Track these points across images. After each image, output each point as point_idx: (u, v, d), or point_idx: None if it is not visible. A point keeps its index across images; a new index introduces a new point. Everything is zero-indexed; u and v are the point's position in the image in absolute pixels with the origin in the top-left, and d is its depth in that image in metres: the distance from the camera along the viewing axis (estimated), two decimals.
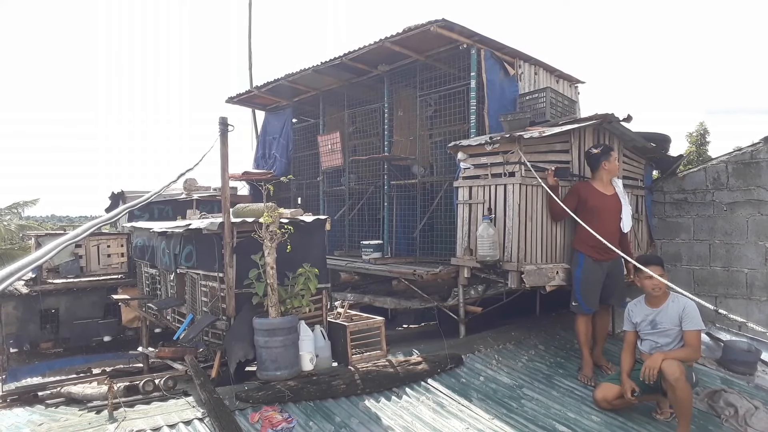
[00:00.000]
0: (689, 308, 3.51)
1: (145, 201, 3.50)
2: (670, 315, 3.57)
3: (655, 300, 3.65)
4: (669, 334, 3.57)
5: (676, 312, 3.54)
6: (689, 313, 3.51)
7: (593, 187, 4.28)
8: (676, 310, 3.55)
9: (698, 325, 3.48)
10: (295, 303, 3.75)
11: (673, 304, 3.59)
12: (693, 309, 3.50)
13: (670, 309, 3.58)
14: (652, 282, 3.53)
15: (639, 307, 3.77)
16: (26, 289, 6.69)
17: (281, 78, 6.81)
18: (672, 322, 3.55)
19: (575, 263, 4.32)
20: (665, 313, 3.59)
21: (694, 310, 3.50)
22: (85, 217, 34.89)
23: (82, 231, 2.42)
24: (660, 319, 3.61)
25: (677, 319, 3.53)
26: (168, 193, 6.83)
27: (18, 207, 17.16)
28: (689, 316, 3.50)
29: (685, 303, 3.53)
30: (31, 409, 3.99)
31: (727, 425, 3.80)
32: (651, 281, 3.54)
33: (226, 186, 3.89)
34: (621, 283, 4.44)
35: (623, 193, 4.47)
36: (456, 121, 5.55)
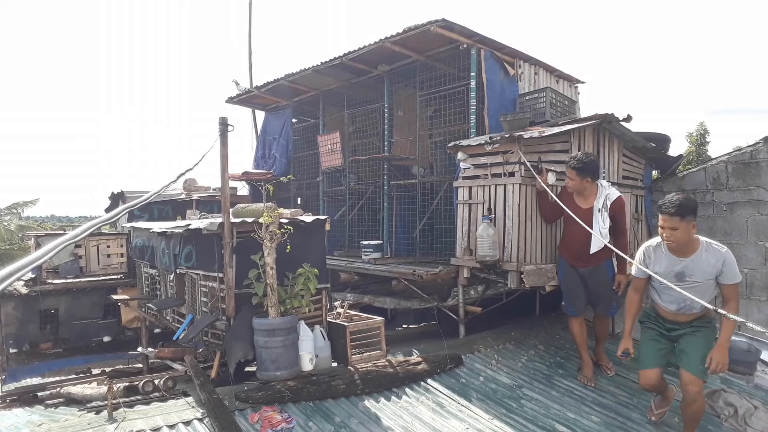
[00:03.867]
0: (730, 260, 3.03)
1: (144, 201, 3.49)
2: (703, 266, 3.07)
3: (681, 249, 3.09)
4: (699, 289, 3.05)
5: (713, 264, 3.04)
6: (730, 265, 3.03)
7: (572, 197, 4.21)
8: (713, 261, 3.04)
9: (738, 277, 3.09)
10: (294, 303, 3.75)
11: (707, 254, 3.06)
12: (733, 261, 3.06)
13: (704, 259, 3.06)
14: (663, 232, 3.05)
15: (660, 253, 3.19)
16: (26, 289, 6.69)
17: (281, 78, 6.82)
18: (706, 274, 3.07)
19: (558, 266, 4.37)
20: (697, 264, 3.07)
21: (734, 262, 3.06)
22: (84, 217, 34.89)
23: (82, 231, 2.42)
24: (690, 270, 3.09)
25: (713, 271, 3.06)
26: (168, 193, 6.83)
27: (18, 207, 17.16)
28: (730, 269, 3.03)
29: (725, 255, 3.04)
30: (31, 410, 3.98)
31: (726, 425, 3.80)
32: (662, 231, 3.05)
33: (225, 186, 3.89)
34: (604, 290, 4.21)
35: (599, 212, 4.07)
36: (456, 121, 5.55)
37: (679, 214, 2.96)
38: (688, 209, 2.97)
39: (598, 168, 4.12)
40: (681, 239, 3.01)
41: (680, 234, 2.99)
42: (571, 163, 4.03)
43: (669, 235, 3.00)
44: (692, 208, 3.00)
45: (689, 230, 3.00)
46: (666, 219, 3.00)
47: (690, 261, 3.09)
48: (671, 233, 3.00)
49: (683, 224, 2.97)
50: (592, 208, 4.08)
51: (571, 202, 4.12)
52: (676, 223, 2.97)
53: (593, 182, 4.06)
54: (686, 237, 3.01)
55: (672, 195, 3.01)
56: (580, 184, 4.03)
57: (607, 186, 4.17)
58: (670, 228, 2.99)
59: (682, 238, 3.00)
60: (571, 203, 4.10)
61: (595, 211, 4.06)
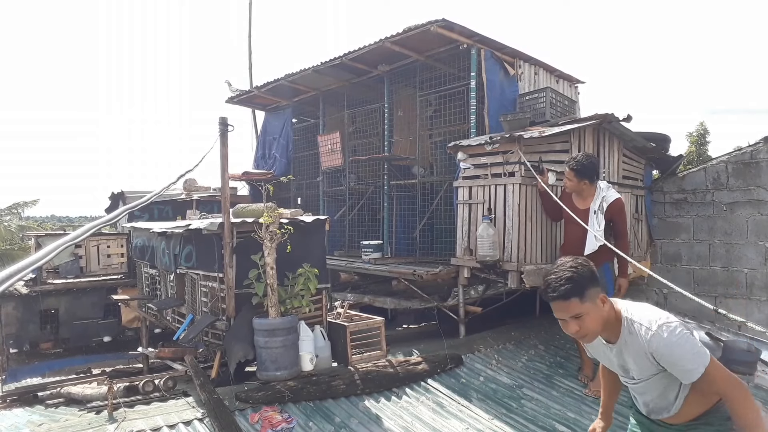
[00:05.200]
0: (662, 348, 1.80)
1: (145, 202, 3.49)
2: (635, 355, 1.91)
3: (605, 334, 1.97)
4: (653, 387, 1.97)
5: (641, 350, 1.86)
6: (667, 354, 1.80)
7: (570, 198, 4.20)
8: (639, 346, 1.86)
9: (696, 370, 1.78)
10: (294, 303, 3.75)
11: (631, 337, 1.88)
12: (674, 345, 1.79)
13: (630, 345, 1.90)
14: (565, 327, 1.91)
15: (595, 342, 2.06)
16: (26, 289, 6.69)
17: (281, 78, 6.82)
18: (644, 368, 1.92)
19: None
20: (628, 353, 1.93)
21: (676, 347, 1.79)
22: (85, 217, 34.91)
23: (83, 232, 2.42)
24: (627, 362, 1.97)
25: (650, 361, 1.87)
26: (168, 194, 6.83)
27: (18, 207, 17.17)
28: (673, 359, 1.81)
29: (651, 341, 1.82)
30: (31, 410, 3.98)
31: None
32: (563, 325, 1.91)
33: (226, 186, 3.89)
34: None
35: (595, 213, 3.97)
36: (456, 121, 5.55)
37: (574, 293, 1.79)
38: (584, 278, 1.81)
39: (596, 170, 4.10)
40: (592, 327, 1.86)
41: (589, 321, 1.84)
42: (569, 164, 4.02)
43: (576, 330, 1.85)
44: (589, 276, 1.82)
45: (598, 308, 1.85)
46: (558, 307, 1.84)
47: (618, 348, 1.95)
48: (577, 325, 1.84)
49: (588, 305, 1.82)
50: (589, 210, 4.05)
51: (570, 202, 4.12)
52: (575, 308, 1.81)
53: (591, 184, 4.04)
54: (599, 320, 1.86)
55: (554, 268, 1.86)
56: (578, 185, 4.02)
57: (606, 188, 4.13)
58: (572, 318, 1.84)
59: (592, 324, 1.85)
60: (569, 204, 4.10)
61: (590, 213, 4.03)
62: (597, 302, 1.84)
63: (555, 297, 1.81)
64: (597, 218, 4.00)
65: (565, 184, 4.12)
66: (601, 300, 1.85)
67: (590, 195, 4.08)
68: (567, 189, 4.12)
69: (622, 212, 4.14)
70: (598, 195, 4.05)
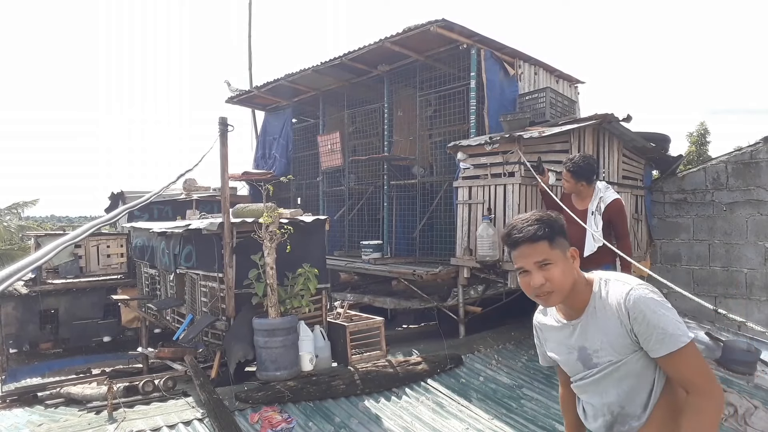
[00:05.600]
0: (643, 302, 1.47)
1: (144, 202, 3.49)
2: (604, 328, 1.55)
3: (568, 303, 1.61)
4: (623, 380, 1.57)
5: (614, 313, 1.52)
6: (640, 305, 1.47)
7: (570, 198, 4.20)
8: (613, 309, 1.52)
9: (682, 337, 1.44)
10: (294, 303, 3.75)
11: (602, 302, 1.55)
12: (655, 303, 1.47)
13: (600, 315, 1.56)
14: (526, 279, 1.57)
15: (548, 322, 1.73)
16: (26, 289, 6.69)
17: (281, 78, 6.82)
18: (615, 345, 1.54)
19: None
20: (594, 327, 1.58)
21: (651, 300, 1.47)
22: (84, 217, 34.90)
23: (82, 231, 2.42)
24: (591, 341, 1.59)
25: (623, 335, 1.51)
26: (168, 194, 6.83)
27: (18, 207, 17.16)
28: (647, 314, 1.46)
29: (632, 294, 1.49)
30: (31, 410, 3.98)
31: (726, 425, 3.80)
32: (524, 278, 1.58)
33: (225, 186, 3.89)
34: None
35: (593, 215, 3.92)
36: (456, 121, 5.55)
37: (543, 235, 1.52)
38: (554, 224, 1.56)
39: (593, 171, 4.04)
40: (560, 281, 1.52)
41: (558, 272, 1.51)
42: (566, 165, 3.99)
43: (540, 284, 1.52)
44: (559, 225, 1.57)
45: (568, 261, 1.55)
46: (523, 252, 1.54)
47: (583, 322, 1.58)
48: (543, 276, 1.52)
49: (557, 253, 1.53)
50: (587, 211, 4.01)
51: (570, 203, 4.11)
52: (543, 252, 1.51)
53: (589, 185, 4.00)
54: (568, 274, 1.54)
55: (524, 216, 1.59)
56: (575, 186, 3.98)
57: (604, 188, 4.09)
58: (539, 267, 1.52)
59: (561, 277, 1.52)
60: (569, 205, 4.08)
61: (588, 214, 3.99)
62: (567, 255, 1.55)
63: (521, 238, 1.52)
64: (594, 219, 3.97)
65: (563, 185, 4.11)
66: (571, 254, 1.57)
67: (588, 196, 4.04)
68: (564, 190, 4.11)
69: (621, 213, 4.09)
70: (595, 196, 4.02)
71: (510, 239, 1.57)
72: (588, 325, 1.58)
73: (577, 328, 1.60)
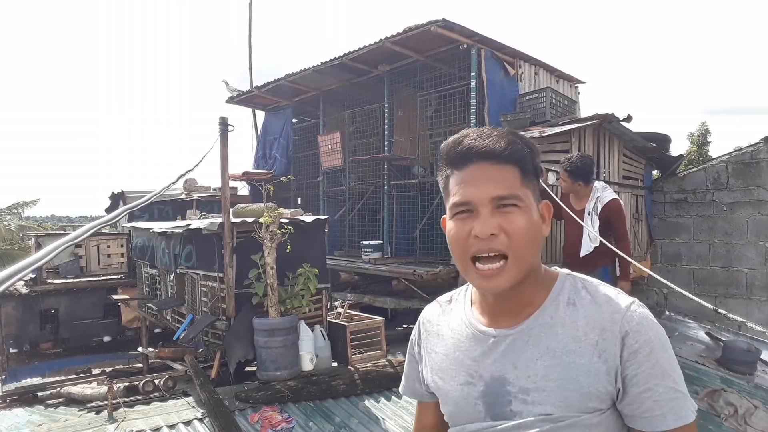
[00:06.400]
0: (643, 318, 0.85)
1: (145, 202, 3.49)
2: (561, 356, 0.86)
3: (503, 295, 0.92)
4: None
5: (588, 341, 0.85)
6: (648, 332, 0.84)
7: (568, 198, 4.17)
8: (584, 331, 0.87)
9: (683, 384, 0.85)
10: (294, 303, 3.76)
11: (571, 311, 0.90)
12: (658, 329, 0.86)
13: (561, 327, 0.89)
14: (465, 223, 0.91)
15: (446, 320, 1.05)
16: (26, 289, 6.69)
17: (281, 78, 6.82)
18: (573, 390, 0.84)
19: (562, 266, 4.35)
20: (539, 349, 0.88)
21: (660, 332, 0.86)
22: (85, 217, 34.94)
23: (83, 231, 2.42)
24: (521, 373, 0.88)
25: (600, 376, 0.84)
26: (168, 194, 6.83)
27: (18, 207, 17.16)
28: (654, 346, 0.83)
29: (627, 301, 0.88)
30: (31, 410, 3.98)
31: (726, 425, 3.80)
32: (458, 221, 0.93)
33: (226, 186, 3.89)
34: None
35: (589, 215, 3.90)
36: (456, 121, 5.55)
37: (513, 157, 0.89)
38: (531, 149, 0.93)
39: (591, 172, 4.01)
40: (524, 239, 0.88)
41: (524, 224, 0.88)
42: (564, 165, 3.97)
43: (489, 229, 0.86)
44: (536, 153, 0.94)
45: (536, 218, 0.91)
46: (479, 174, 0.89)
47: (518, 336, 0.91)
48: (499, 226, 0.87)
49: (528, 194, 0.91)
50: (584, 211, 3.98)
51: (568, 203, 4.10)
52: (511, 183, 0.89)
53: (586, 185, 3.97)
54: (536, 234, 0.91)
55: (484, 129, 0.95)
56: (572, 186, 3.97)
57: (602, 188, 4.06)
58: (498, 208, 0.88)
59: (525, 234, 0.88)
60: (567, 202, 4.08)
61: (585, 214, 3.97)
62: (539, 207, 0.92)
63: (477, 149, 0.88)
64: (591, 219, 3.95)
65: (560, 185, 4.11)
66: (544, 209, 0.94)
67: (585, 196, 4.02)
68: (562, 190, 4.11)
69: (619, 213, 4.05)
70: (592, 196, 4.00)
71: (457, 149, 0.91)
72: (527, 343, 0.89)
73: (501, 344, 0.91)
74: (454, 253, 0.93)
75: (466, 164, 0.90)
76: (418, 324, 1.11)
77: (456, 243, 0.91)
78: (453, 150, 0.92)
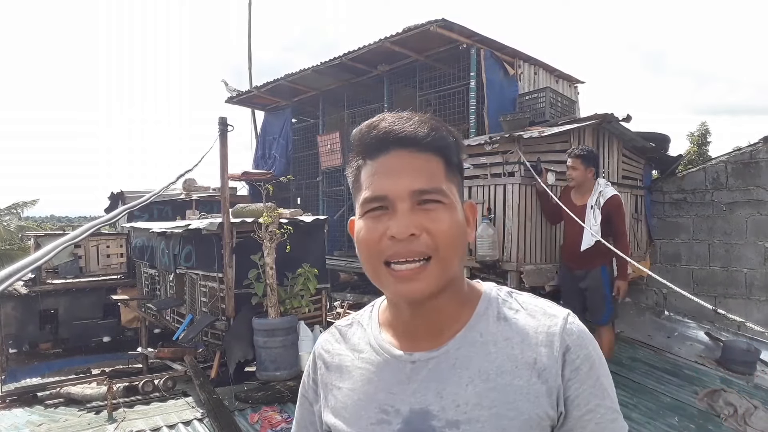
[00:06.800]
0: (582, 334, 0.75)
1: (144, 202, 3.49)
2: (494, 380, 0.73)
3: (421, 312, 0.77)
4: None
5: (525, 361, 0.73)
6: (587, 348, 0.74)
7: (569, 195, 4.18)
8: (519, 350, 0.74)
9: (616, 402, 0.75)
10: (294, 303, 3.76)
11: (501, 326, 0.77)
12: (595, 345, 0.76)
13: (488, 353, 0.75)
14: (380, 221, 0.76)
15: (349, 351, 0.86)
16: (25, 289, 6.69)
17: (281, 78, 6.82)
18: (511, 418, 0.71)
19: (558, 267, 4.36)
20: (468, 374, 0.74)
21: (597, 348, 0.76)
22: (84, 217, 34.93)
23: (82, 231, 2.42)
24: (448, 403, 0.73)
25: (539, 399, 0.71)
26: (167, 194, 6.83)
27: (17, 207, 17.15)
28: (592, 362, 0.74)
29: (563, 313, 0.77)
30: (31, 410, 3.98)
31: (726, 424, 3.80)
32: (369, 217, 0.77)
33: (225, 186, 3.90)
34: (595, 297, 4.06)
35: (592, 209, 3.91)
36: (456, 121, 5.55)
37: (436, 146, 0.76)
38: (457, 140, 0.80)
39: (598, 162, 4.13)
40: (448, 238, 0.73)
41: (448, 224, 0.74)
42: (574, 152, 4.01)
43: (408, 229, 0.72)
44: (463, 148, 0.83)
45: (461, 217, 0.77)
46: (394, 163, 0.75)
47: (442, 360, 0.76)
48: (420, 226, 0.73)
49: (453, 190, 0.77)
50: (586, 206, 4.01)
51: (568, 198, 4.13)
52: (435, 176, 0.75)
53: (594, 179, 4.03)
54: (461, 235, 0.76)
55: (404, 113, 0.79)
56: (584, 173, 3.98)
57: (604, 184, 4.12)
58: (420, 204, 0.74)
59: (450, 233, 0.74)
60: (568, 199, 4.11)
61: (587, 208, 4.00)
62: (463, 206, 0.80)
63: (396, 134, 0.75)
64: (594, 213, 3.98)
65: (570, 175, 4.09)
66: (469, 210, 0.81)
67: (588, 190, 4.06)
68: (573, 181, 4.08)
69: (620, 209, 4.10)
70: (595, 190, 4.04)
71: (371, 134, 0.78)
72: (453, 367, 0.76)
73: (422, 370, 0.77)
74: (363, 257, 0.77)
75: (381, 152, 0.76)
76: (313, 356, 0.91)
77: (367, 246, 0.75)
78: (367, 135, 0.78)
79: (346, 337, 0.88)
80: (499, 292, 0.83)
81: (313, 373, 0.89)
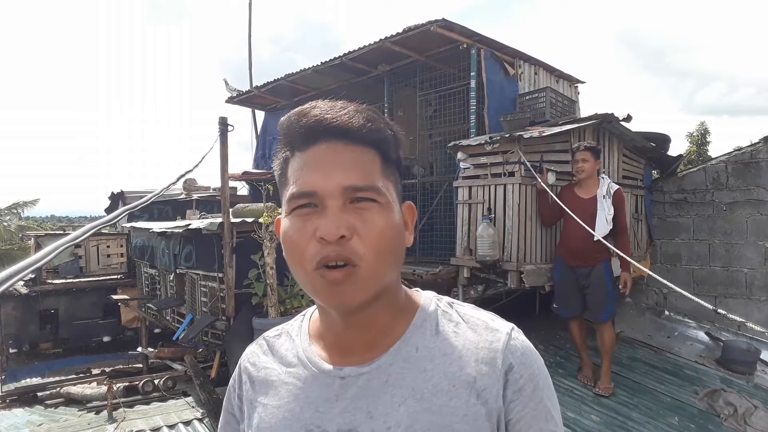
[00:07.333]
0: (526, 348, 0.73)
1: (145, 202, 3.49)
2: (429, 398, 0.68)
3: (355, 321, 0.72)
4: None
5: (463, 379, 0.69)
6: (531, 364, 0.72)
7: (573, 190, 4.21)
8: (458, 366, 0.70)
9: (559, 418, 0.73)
10: (294, 303, 3.76)
11: (441, 340, 0.73)
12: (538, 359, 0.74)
13: (424, 369, 0.71)
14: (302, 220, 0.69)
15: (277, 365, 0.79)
16: (26, 289, 6.70)
17: (281, 78, 6.82)
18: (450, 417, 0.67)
19: (555, 266, 4.36)
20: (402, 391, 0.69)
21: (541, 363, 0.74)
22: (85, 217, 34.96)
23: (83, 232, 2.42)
24: (379, 424, 0.68)
25: (478, 420, 0.67)
26: (168, 194, 6.83)
27: (18, 207, 17.16)
28: (536, 377, 0.71)
29: (507, 327, 0.75)
30: (31, 410, 3.99)
31: (726, 424, 3.80)
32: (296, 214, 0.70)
33: (225, 186, 3.90)
34: (597, 294, 4.06)
35: (604, 198, 4.02)
36: (456, 121, 5.55)
37: (372, 139, 0.72)
38: (394, 133, 0.78)
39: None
40: (385, 245, 0.69)
41: (385, 224, 0.69)
42: (584, 145, 4.13)
43: (337, 230, 0.65)
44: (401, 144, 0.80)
45: (398, 219, 0.74)
46: (325, 155, 0.69)
47: (374, 375, 0.71)
48: (349, 227, 0.66)
49: (390, 188, 0.74)
50: (595, 197, 4.09)
51: (572, 194, 4.16)
52: (370, 173, 0.70)
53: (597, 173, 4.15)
54: (398, 237, 0.72)
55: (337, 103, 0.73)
56: (594, 166, 4.08)
57: (607, 178, 4.26)
58: (354, 202, 0.68)
59: (386, 236, 0.69)
60: (572, 195, 4.15)
61: (599, 198, 4.08)
62: (401, 207, 0.78)
63: (333, 125, 0.69)
64: (606, 203, 4.08)
65: (582, 168, 4.11)
66: (407, 212, 0.81)
67: (594, 184, 4.14)
68: (583, 173, 4.12)
69: (624, 202, 4.23)
70: (603, 182, 4.15)
71: (301, 123, 0.71)
72: (385, 384, 0.71)
73: (352, 387, 0.71)
74: (291, 261, 0.70)
75: (311, 143, 0.69)
76: (239, 370, 0.84)
77: (293, 248, 0.68)
78: (296, 124, 0.70)
79: (273, 348, 0.81)
80: (439, 302, 0.79)
81: (238, 389, 0.82)
